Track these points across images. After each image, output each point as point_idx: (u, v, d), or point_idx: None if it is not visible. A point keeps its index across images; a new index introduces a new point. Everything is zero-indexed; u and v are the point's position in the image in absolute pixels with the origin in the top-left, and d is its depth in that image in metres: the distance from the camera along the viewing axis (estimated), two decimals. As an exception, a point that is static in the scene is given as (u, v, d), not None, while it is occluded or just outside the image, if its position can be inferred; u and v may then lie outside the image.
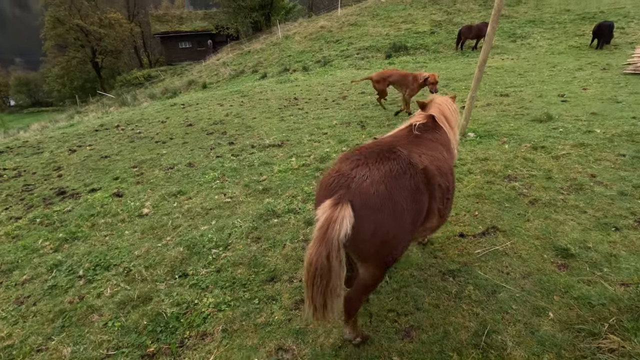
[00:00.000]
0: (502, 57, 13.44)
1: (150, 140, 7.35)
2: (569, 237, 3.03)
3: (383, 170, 1.78)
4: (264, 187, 4.53)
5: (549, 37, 15.96)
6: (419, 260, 2.94)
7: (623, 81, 8.31)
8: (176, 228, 3.80)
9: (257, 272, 2.98)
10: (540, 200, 3.62)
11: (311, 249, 1.67)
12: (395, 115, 7.10)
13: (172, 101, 13.51)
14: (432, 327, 2.30)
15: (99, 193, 4.92)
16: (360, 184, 1.72)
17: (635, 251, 2.79)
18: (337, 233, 1.61)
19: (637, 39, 13.73)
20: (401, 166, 1.84)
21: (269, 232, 3.54)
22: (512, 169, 4.35)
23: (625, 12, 17.32)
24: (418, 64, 14.02)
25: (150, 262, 3.23)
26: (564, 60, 11.82)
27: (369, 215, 1.70)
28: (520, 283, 2.60)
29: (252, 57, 22.78)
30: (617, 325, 2.11)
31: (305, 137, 6.36)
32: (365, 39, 19.31)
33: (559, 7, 19.82)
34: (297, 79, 13.82)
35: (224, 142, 6.65)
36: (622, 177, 3.91)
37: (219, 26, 36.40)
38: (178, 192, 4.67)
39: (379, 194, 1.71)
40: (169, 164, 5.77)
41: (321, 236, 1.63)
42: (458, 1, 22.38)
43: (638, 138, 4.85)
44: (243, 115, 8.63)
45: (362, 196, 1.70)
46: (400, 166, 1.84)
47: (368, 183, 1.73)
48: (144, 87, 28.71)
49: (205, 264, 3.15)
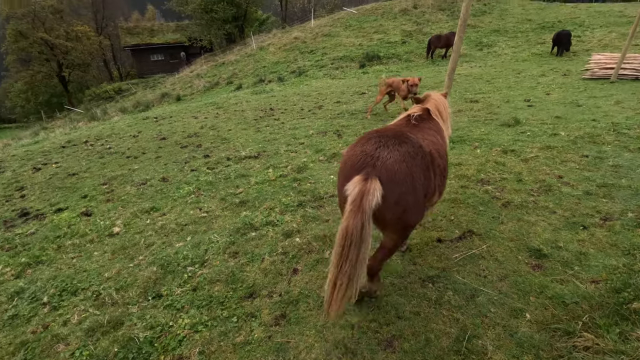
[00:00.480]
0: (471, 65, 13.96)
1: (121, 156, 7.10)
2: (541, 237, 3.12)
3: (402, 151, 2.07)
4: (240, 200, 4.44)
5: (513, 45, 16.74)
6: (399, 267, 2.94)
7: (582, 86, 8.80)
8: (149, 246, 3.65)
9: (235, 289, 2.89)
10: (512, 203, 3.73)
11: (347, 221, 1.86)
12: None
13: (144, 114, 13.17)
14: (413, 336, 2.29)
15: (65, 213, 4.68)
16: (385, 162, 2.01)
17: (602, 248, 2.90)
18: (370, 203, 1.85)
19: (593, 46, 14.62)
20: (415, 148, 2.14)
21: (247, 246, 3.45)
22: (485, 173, 4.47)
23: (581, 22, 18.45)
24: (391, 72, 14.34)
25: (122, 284, 3.07)
26: (527, 67, 12.40)
27: (393, 188, 1.98)
28: (497, 285, 2.64)
29: (227, 69, 22.65)
30: (590, 323, 2.17)
31: (281, 147, 6.32)
32: (339, 49, 19.61)
33: (520, 17, 20.88)
34: (272, 90, 13.81)
35: (198, 155, 6.51)
36: (586, 177, 4.09)
37: (192, 38, 36.09)
38: (151, 209, 4.50)
39: (401, 171, 2.01)
40: (142, 179, 5.58)
41: (356, 207, 1.86)
42: (427, 12, 23.18)
43: (599, 139, 5.11)
44: (218, 127, 8.50)
45: (388, 172, 1.98)
46: (414, 148, 2.14)
47: (392, 161, 2.01)
48: (114, 100, 27.91)
49: (181, 283, 3.03)
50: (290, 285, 2.87)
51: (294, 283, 2.90)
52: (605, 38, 15.52)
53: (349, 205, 1.88)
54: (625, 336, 2.02)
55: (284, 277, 2.98)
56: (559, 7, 23.24)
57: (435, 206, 3.35)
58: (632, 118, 5.92)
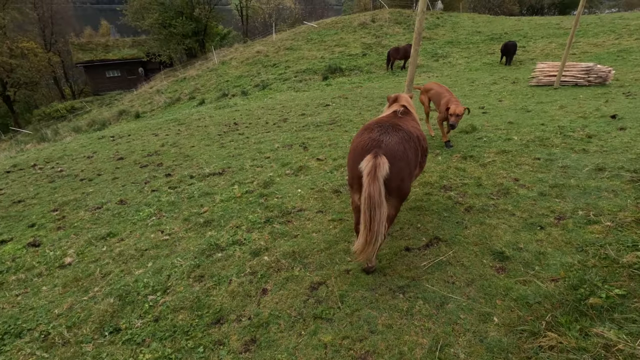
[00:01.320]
0: (429, 75, 14.57)
1: (74, 179, 6.65)
2: (503, 240, 3.23)
3: (399, 136, 2.72)
4: (205, 219, 4.27)
5: (466, 55, 17.72)
6: (369, 280, 2.92)
7: (530, 92, 9.42)
8: (105, 276, 3.40)
9: (201, 316, 2.73)
10: (474, 207, 3.85)
11: (368, 188, 2.42)
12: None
13: (100, 134, 12.51)
14: (387, 350, 2.26)
15: (9, 245, 4.27)
16: (388, 144, 2.63)
17: (558, 247, 3.05)
18: (381, 172, 2.44)
19: (536, 55, 15.79)
20: (407, 134, 2.80)
21: (213, 269, 3.30)
22: (447, 179, 4.61)
23: (524, 33, 19.91)
24: (354, 84, 14.64)
25: (74, 321, 2.81)
26: (480, 75, 13.13)
27: (394, 162, 2.58)
28: (465, 291, 2.69)
29: (189, 84, 22.16)
30: (553, 322, 2.24)
31: (247, 162, 6.20)
32: (302, 62, 19.82)
33: (471, 29, 22.20)
34: (236, 104, 13.64)
35: (159, 174, 6.24)
36: (540, 178, 4.33)
37: (151, 53, 35.03)
38: (108, 234, 4.22)
39: (400, 150, 2.65)
40: (97, 203, 5.23)
41: (372, 177, 2.42)
42: (384, 25, 24.07)
43: (548, 142, 5.44)
44: (180, 145, 8.22)
45: (391, 151, 2.60)
46: (407, 134, 2.80)
47: (393, 143, 2.64)
48: (67, 120, 26.35)
49: (141, 314, 2.82)
50: (259, 307, 2.76)
51: (263, 304, 2.79)
52: (546, 48, 16.82)
53: (366, 177, 2.43)
54: (585, 332, 2.11)
55: (253, 299, 2.86)
56: (504, 20, 25.00)
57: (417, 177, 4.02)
58: (575, 121, 6.38)
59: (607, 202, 3.63)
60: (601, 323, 2.15)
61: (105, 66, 36.87)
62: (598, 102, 7.59)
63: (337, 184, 4.81)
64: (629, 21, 19.37)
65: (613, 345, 1.92)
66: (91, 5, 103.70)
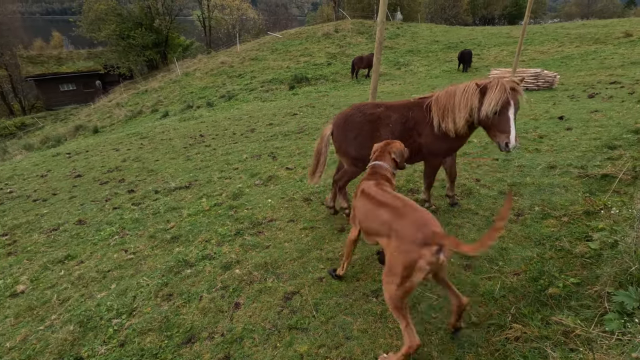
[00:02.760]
0: (392, 83, 15.05)
1: (26, 200, 6.20)
2: (468, 238, 3.36)
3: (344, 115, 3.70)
4: (172, 235, 4.12)
5: (426, 63, 18.49)
6: (342, 286, 2.93)
7: (486, 97, 9.93)
8: (64, 302, 3.18)
9: (170, 336, 2.62)
10: (440, 208, 3.99)
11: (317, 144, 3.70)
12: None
13: (54, 151, 11.80)
14: (363, 355, 2.27)
15: (-49, 276, 3.89)
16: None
17: (519, 242, 3.22)
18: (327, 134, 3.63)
19: (490, 62, 16.76)
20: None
21: (182, 286, 3.18)
22: (413, 183, 4.75)
23: (478, 42, 21.10)
24: (320, 93, 14.83)
25: (29, 353, 2.60)
26: (440, 82, 13.72)
27: (338, 133, 3.58)
28: (436, 290, 2.76)
29: (151, 96, 21.48)
30: (517, 314, 2.35)
31: (215, 175, 6.07)
32: (268, 72, 19.83)
33: (429, 39, 23.23)
34: (201, 115, 13.37)
35: (121, 190, 5.96)
36: (499, 178, 4.56)
37: (108, 65, 33.70)
38: (65, 257, 3.95)
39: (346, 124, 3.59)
40: (52, 224, 4.91)
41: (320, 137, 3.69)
42: (347, 35, 24.66)
43: (505, 144, 5.75)
44: (143, 159, 7.92)
45: (336, 124, 3.60)
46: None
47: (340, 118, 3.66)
48: (16, 137, 24.63)
49: (105, 340, 2.66)
50: (232, 322, 2.69)
51: (236, 319, 2.72)
52: (499, 55, 17.91)
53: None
54: (546, 321, 2.22)
55: (225, 314, 2.78)
56: (459, 30, 26.39)
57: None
58: (528, 123, 6.81)
59: (559, 197, 3.88)
60: (560, 311, 2.28)
61: (59, 79, 34.95)
62: (547, 105, 8.15)
63: (308, 192, 4.82)
64: (570, 30, 21.10)
65: (571, 331, 2.04)
66: (41, 16, 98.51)
